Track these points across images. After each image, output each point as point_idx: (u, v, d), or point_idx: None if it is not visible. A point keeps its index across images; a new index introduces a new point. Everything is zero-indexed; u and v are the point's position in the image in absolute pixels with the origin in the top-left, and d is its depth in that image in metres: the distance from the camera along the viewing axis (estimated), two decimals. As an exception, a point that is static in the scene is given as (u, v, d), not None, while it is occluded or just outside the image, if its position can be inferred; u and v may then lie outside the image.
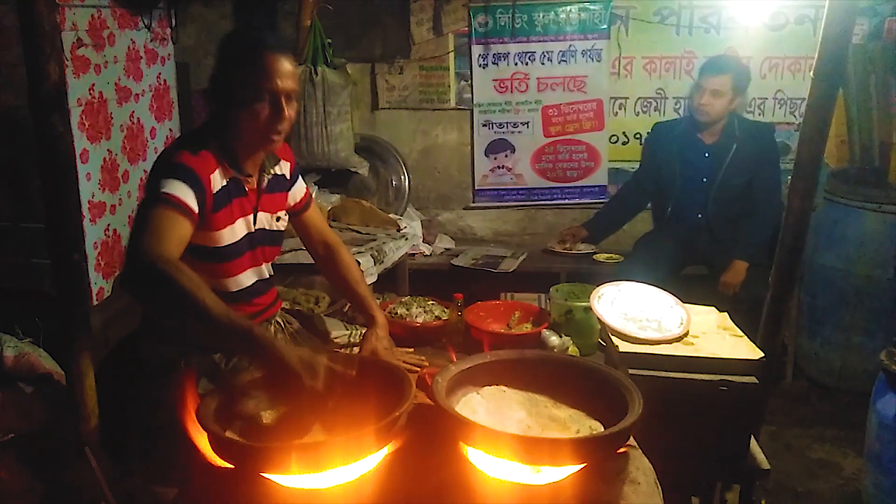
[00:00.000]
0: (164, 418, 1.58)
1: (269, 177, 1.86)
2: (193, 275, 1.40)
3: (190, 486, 1.29)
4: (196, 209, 1.60)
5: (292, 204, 1.99)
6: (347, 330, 2.18)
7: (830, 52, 1.77)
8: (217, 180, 1.70)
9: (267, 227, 1.89)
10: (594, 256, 3.77)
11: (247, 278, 1.85)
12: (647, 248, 3.53)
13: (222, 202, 1.72)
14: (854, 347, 3.39)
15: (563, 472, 1.22)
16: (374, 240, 3.29)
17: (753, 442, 1.82)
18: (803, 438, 3.14)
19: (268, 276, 1.94)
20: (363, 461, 1.23)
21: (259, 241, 1.85)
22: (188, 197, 1.58)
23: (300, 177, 2.03)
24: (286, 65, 1.67)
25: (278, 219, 1.93)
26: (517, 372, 1.48)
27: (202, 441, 1.25)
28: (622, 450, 1.29)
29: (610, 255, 3.77)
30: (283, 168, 1.92)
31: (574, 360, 1.47)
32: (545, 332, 2.51)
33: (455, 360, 1.58)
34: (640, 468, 1.29)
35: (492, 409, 1.38)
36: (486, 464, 1.26)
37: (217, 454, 1.22)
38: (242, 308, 1.85)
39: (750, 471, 1.79)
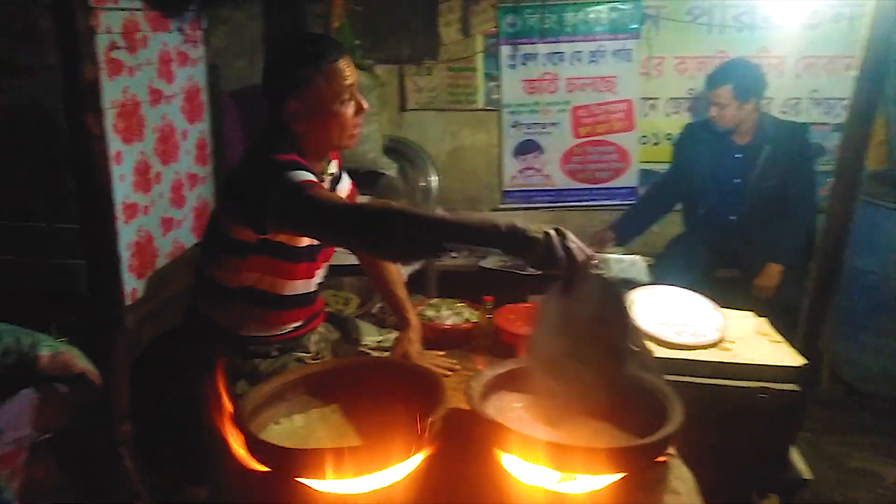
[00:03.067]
0: (199, 418, 1.60)
1: (329, 177, 1.86)
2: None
3: (223, 488, 1.28)
4: None
5: None
6: (380, 335, 2.17)
7: (876, 52, 1.72)
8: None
9: None
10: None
11: (313, 282, 1.86)
12: (679, 251, 3.48)
13: None
14: (892, 353, 3.30)
15: (601, 481, 1.19)
16: (403, 241, 3.28)
17: (794, 451, 1.78)
18: (840, 446, 3.06)
19: (321, 282, 1.94)
20: (398, 467, 1.21)
21: (321, 245, 1.85)
22: (314, 178, 1.59)
23: (344, 172, 2.02)
24: (349, 64, 1.70)
25: None
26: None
27: (237, 443, 1.24)
28: (661, 459, 1.26)
29: (641, 257, 3.71)
30: (334, 166, 1.92)
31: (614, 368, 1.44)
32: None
33: (481, 368, 1.56)
34: (681, 477, 1.25)
35: (528, 415, 1.35)
36: (522, 471, 1.24)
37: (252, 457, 1.22)
38: (298, 314, 1.85)
39: (790, 481, 1.74)
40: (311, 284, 1.86)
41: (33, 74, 2.27)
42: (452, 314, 2.60)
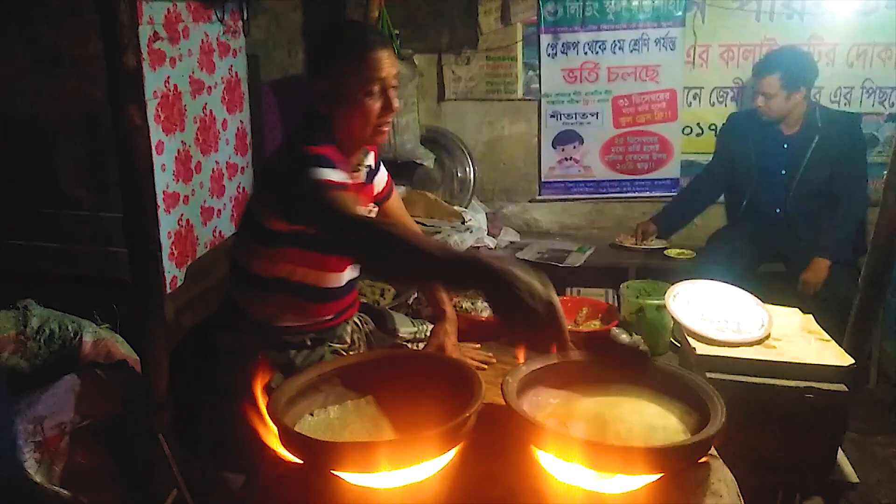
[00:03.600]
0: (235, 407, 1.61)
1: (366, 169, 1.86)
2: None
3: (257, 479, 1.29)
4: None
5: (377, 192, 1.97)
6: (415, 326, 2.16)
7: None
8: (342, 171, 1.68)
9: None
10: (665, 252, 3.66)
11: (347, 274, 1.85)
12: (722, 244, 3.40)
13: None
14: (946, 352, 3.19)
15: (640, 480, 1.16)
16: (439, 232, 3.27)
17: (840, 453, 1.72)
18: (889, 447, 2.97)
19: (358, 274, 1.93)
20: (432, 462, 1.20)
21: None
22: (340, 178, 1.57)
23: (381, 164, 2.01)
24: (390, 57, 1.67)
25: (370, 210, 1.92)
26: (590, 374, 1.42)
27: (271, 435, 1.25)
28: (703, 460, 1.23)
29: (682, 250, 3.64)
30: (370, 158, 1.91)
31: (653, 364, 1.41)
32: (615, 330, 2.43)
33: (523, 361, 1.53)
34: (722, 479, 1.22)
35: (565, 411, 1.33)
36: (558, 469, 1.22)
37: (286, 449, 1.22)
38: (332, 306, 1.84)
39: (836, 484, 1.68)
40: (345, 276, 1.86)
41: (78, 65, 2.31)
42: (488, 306, 2.58)
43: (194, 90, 2.62)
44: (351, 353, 1.93)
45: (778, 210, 3.31)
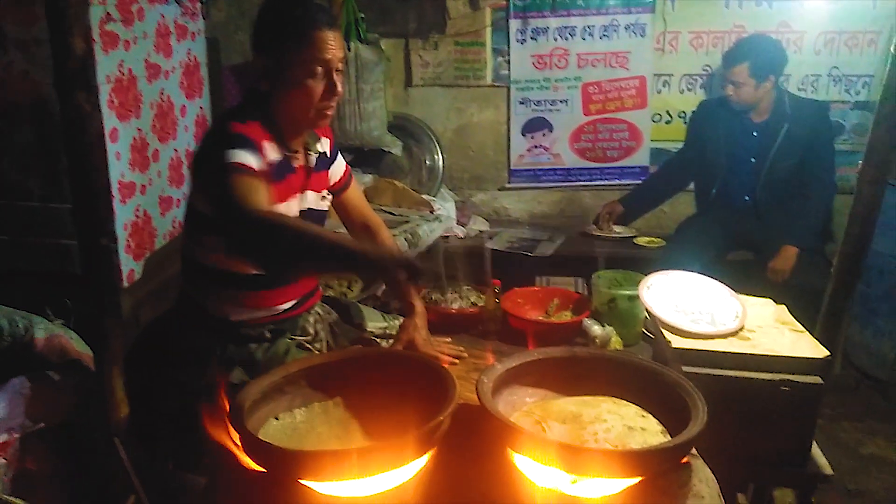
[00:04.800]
0: (195, 407, 1.54)
1: (316, 154, 1.80)
2: (290, 217, 1.54)
3: (219, 488, 1.22)
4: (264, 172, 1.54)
5: (333, 182, 1.92)
6: (385, 321, 2.10)
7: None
8: (270, 151, 1.64)
9: (314, 207, 1.83)
10: (635, 240, 3.65)
11: None
12: (691, 233, 3.39)
13: (278, 176, 1.66)
14: (909, 339, 3.24)
15: (620, 484, 1.13)
16: (408, 222, 3.20)
17: (814, 445, 1.71)
18: (853, 433, 3.00)
19: None
20: (404, 468, 1.14)
21: (307, 221, 1.75)
22: (254, 163, 1.49)
23: (339, 153, 1.96)
24: (336, 39, 1.61)
25: (323, 198, 1.87)
26: (566, 372, 1.38)
27: (234, 442, 1.18)
28: (684, 460, 1.19)
29: (651, 238, 3.64)
30: (324, 145, 1.86)
31: (630, 361, 1.37)
32: (587, 322, 2.40)
33: (493, 361, 1.49)
34: (704, 479, 1.19)
35: (542, 411, 1.28)
36: (535, 472, 1.17)
37: (249, 457, 1.15)
38: (286, 293, 1.79)
39: (811, 476, 1.67)
40: None
41: (25, 48, 2.18)
42: (458, 298, 2.53)
43: (150, 75, 2.51)
44: (316, 344, 1.87)
45: (747, 198, 3.31)
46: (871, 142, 1.71)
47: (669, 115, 3.81)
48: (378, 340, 2.01)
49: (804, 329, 1.82)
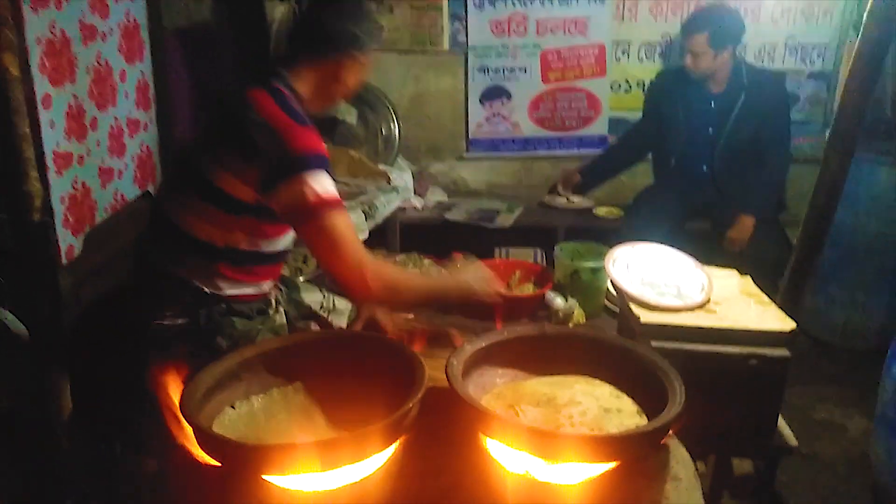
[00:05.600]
0: (142, 386, 1.45)
1: None
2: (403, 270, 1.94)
3: (171, 480, 1.14)
4: None
5: None
6: (322, 295, 2.04)
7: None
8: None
9: None
10: (594, 211, 3.62)
11: (285, 240, 1.76)
12: (649, 203, 3.38)
13: None
14: (859, 305, 3.30)
15: (598, 469, 1.08)
16: (365, 193, 3.10)
17: (780, 418, 1.71)
18: (804, 398, 3.06)
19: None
20: (372, 458, 1.08)
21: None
22: (333, 184, 1.60)
23: None
24: None
25: None
26: (538, 351, 1.33)
27: (186, 434, 1.09)
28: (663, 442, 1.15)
29: (610, 209, 3.62)
30: None
31: (602, 339, 1.32)
32: (549, 294, 2.37)
33: (458, 339, 1.44)
34: (681, 461, 1.15)
35: (513, 394, 1.23)
36: (509, 458, 1.12)
37: (204, 451, 1.07)
38: (271, 270, 1.78)
39: (776, 449, 1.67)
40: (287, 238, 1.76)
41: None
42: (420, 272, 2.46)
43: (85, 36, 2.33)
44: (276, 316, 1.81)
45: (705, 168, 3.31)
46: (840, 111, 1.69)
47: (629, 84, 3.77)
48: (320, 314, 1.96)
49: (770, 301, 1.81)
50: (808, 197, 3.39)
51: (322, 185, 1.53)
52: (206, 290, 1.65)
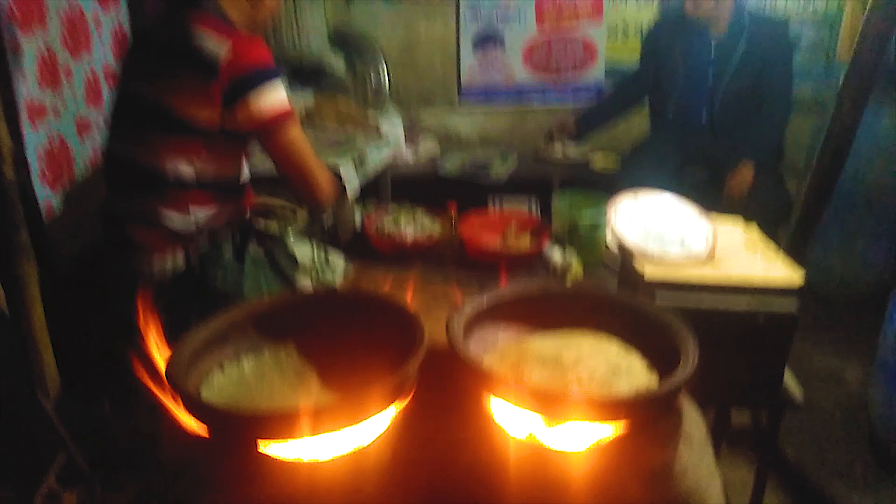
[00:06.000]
0: (127, 345, 1.40)
1: None
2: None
3: (159, 453, 1.08)
4: None
5: None
6: (312, 250, 1.97)
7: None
8: None
9: None
10: (590, 163, 3.54)
11: (246, 170, 1.83)
12: (646, 152, 3.30)
13: None
14: (858, 254, 3.26)
15: (609, 431, 1.03)
16: (354, 145, 3.00)
17: (787, 371, 1.67)
18: (801, 348, 3.03)
19: None
20: (370, 423, 1.02)
21: None
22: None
23: None
24: None
25: None
26: (542, 308, 1.27)
27: (173, 401, 1.03)
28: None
29: (606, 160, 3.54)
30: None
31: (609, 296, 1.26)
32: (547, 248, 2.31)
33: (458, 295, 1.37)
34: (692, 420, 1.11)
35: (518, 353, 1.17)
36: (515, 422, 1.07)
37: (195, 420, 1.01)
38: (247, 199, 1.83)
39: (782, 404, 1.64)
40: (247, 170, 1.83)
41: None
42: (412, 225, 2.39)
43: (55, -21, 2.20)
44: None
45: (704, 116, 3.22)
46: (855, 57, 1.61)
47: (625, 31, 3.64)
48: (309, 271, 1.91)
49: (777, 252, 1.75)
50: (808, 145, 3.35)
51: (283, 95, 1.63)
52: (181, 228, 1.66)
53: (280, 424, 0.96)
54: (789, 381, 1.68)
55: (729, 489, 1.99)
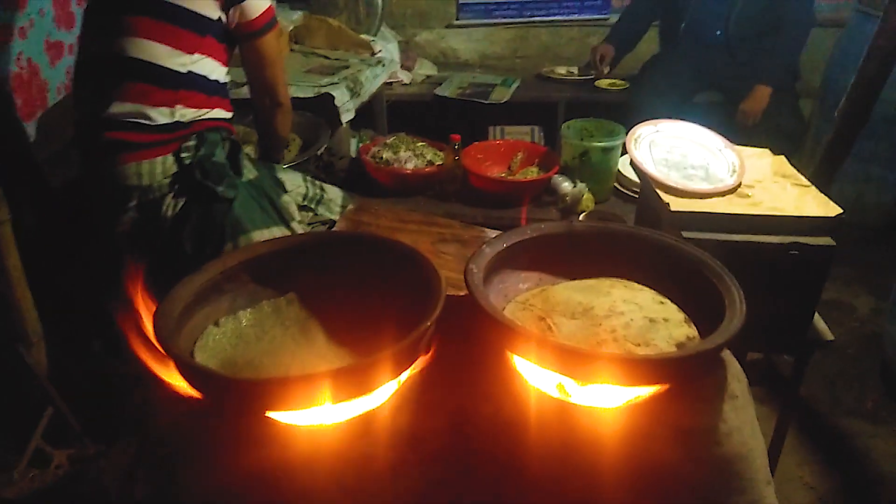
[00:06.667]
0: (112, 288, 1.30)
1: None
2: None
3: (154, 420, 0.98)
4: None
5: None
6: (305, 185, 1.86)
7: None
8: None
9: None
10: (595, 83, 3.36)
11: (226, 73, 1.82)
12: (656, 73, 3.13)
13: None
14: (873, 180, 3.14)
15: (646, 391, 0.94)
16: (347, 67, 2.81)
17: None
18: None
19: None
20: (383, 387, 0.92)
21: None
22: None
23: None
24: None
25: None
26: (565, 250, 1.15)
27: (165, 364, 0.92)
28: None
29: (614, 80, 3.36)
30: None
31: (641, 235, 1.14)
32: (556, 178, 2.18)
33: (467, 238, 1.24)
34: (736, 375, 1.01)
35: (543, 302, 1.06)
36: (543, 380, 0.97)
37: (189, 385, 0.90)
38: (225, 103, 1.79)
39: (810, 342, 1.56)
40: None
41: None
42: (413, 156, 2.25)
43: None
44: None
45: (718, 33, 3.03)
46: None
47: (635, -63, 3.38)
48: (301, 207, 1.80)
49: (809, 183, 1.63)
50: (825, 64, 3.17)
51: (271, 4, 1.75)
52: (167, 125, 1.61)
53: (291, 394, 0.86)
54: (818, 320, 1.59)
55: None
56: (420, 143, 2.31)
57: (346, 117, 2.53)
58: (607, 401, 0.95)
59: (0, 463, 1.44)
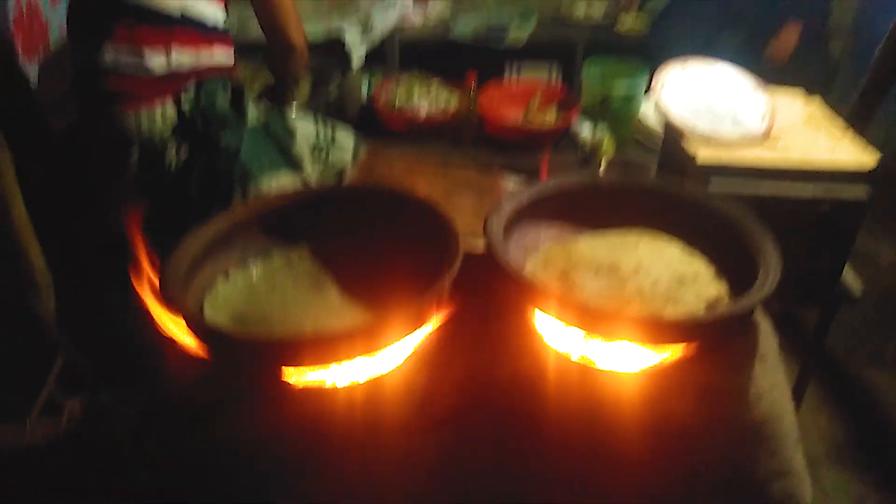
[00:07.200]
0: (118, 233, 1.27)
1: None
2: None
3: (163, 382, 0.95)
4: None
5: None
6: (315, 126, 1.79)
7: None
8: None
9: None
10: (616, 23, 3.22)
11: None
12: (679, 11, 2.99)
13: None
14: (890, 125, 3.02)
15: (676, 351, 0.90)
16: (358, 8, 2.70)
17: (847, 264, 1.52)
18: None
19: None
20: (397, 346, 0.89)
21: None
22: None
23: None
24: None
25: None
26: (590, 203, 1.10)
27: (174, 324, 0.89)
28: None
29: (634, 20, 3.22)
30: None
31: (668, 189, 1.08)
32: (576, 124, 2.10)
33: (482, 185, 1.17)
34: (766, 335, 0.97)
35: (566, 257, 1.02)
36: (566, 342, 0.93)
37: (199, 342, 0.87)
38: (226, 46, 1.71)
39: (838, 296, 1.51)
40: None
41: None
42: (428, 98, 2.17)
43: None
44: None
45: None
46: None
47: None
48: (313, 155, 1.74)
49: (844, 129, 1.56)
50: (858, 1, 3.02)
51: None
52: (164, 71, 1.55)
53: (308, 351, 0.83)
54: (847, 273, 1.54)
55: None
56: (435, 82, 2.23)
57: (357, 59, 2.44)
58: (634, 363, 0.91)
59: (13, 413, 1.44)
